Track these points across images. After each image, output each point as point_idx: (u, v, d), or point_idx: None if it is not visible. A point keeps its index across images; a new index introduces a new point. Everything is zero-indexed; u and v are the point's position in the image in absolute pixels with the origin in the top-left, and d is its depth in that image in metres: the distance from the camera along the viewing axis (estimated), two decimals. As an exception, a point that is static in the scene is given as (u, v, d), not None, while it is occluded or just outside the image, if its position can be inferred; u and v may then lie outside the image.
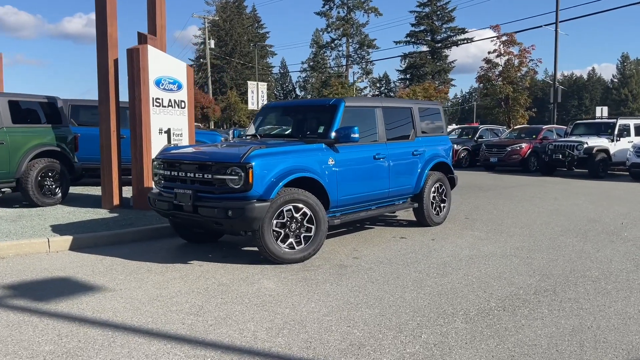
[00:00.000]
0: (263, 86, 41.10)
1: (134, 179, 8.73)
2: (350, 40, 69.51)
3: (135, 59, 8.59)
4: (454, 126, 33.24)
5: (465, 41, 62.36)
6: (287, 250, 5.80)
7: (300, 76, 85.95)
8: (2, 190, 8.79)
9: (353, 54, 70.29)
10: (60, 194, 9.26)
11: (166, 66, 9.06)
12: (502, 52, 32.88)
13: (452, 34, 66.79)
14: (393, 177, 7.22)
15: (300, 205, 5.85)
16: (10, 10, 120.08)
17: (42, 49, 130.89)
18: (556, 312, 4.32)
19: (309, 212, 5.91)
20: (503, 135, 21.59)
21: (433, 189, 7.95)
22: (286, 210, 5.77)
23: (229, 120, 59.40)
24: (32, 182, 8.79)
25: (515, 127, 24.97)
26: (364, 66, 70.18)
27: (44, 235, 6.64)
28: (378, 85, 77.44)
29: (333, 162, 6.33)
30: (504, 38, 32.37)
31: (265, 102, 39.99)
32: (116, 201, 8.90)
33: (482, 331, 3.92)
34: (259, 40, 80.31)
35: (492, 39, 33.04)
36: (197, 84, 71.61)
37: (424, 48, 67.13)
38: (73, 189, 11.22)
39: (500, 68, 33.16)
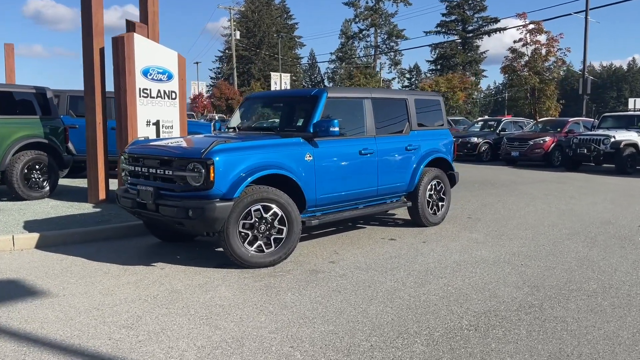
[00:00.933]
0: (286, 77, 40.69)
1: (119, 172, 8.40)
2: (378, 31, 68.47)
3: (120, 48, 8.22)
4: (485, 117, 32.14)
5: (497, 31, 60.71)
6: (255, 253, 5.35)
7: (329, 67, 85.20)
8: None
9: (381, 45, 69.24)
10: (47, 187, 9.02)
11: (155, 55, 8.68)
12: (529, 41, 31.61)
13: (483, 24, 65.04)
14: (383, 173, 6.69)
15: (271, 205, 5.39)
16: (49, 3, 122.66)
17: (79, 41, 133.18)
18: (535, 334, 3.76)
19: (279, 213, 5.45)
20: (526, 128, 20.66)
21: (430, 187, 7.38)
22: (254, 210, 5.32)
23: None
24: (17, 175, 8.56)
25: (539, 120, 23.89)
26: (392, 57, 69.12)
27: (10, 232, 6.35)
28: (407, 76, 76.08)
29: (311, 158, 5.84)
30: (530, 26, 31.10)
31: (288, 94, 39.66)
32: (102, 196, 8.59)
33: (441, 357, 3.40)
34: (288, 31, 79.95)
35: (518, 27, 31.81)
36: (223, 76, 71.73)
37: (455, 38, 65.59)
38: (68, 182, 11.04)
39: (527, 58, 31.90)
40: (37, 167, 8.85)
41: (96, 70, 8.44)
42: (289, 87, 39.74)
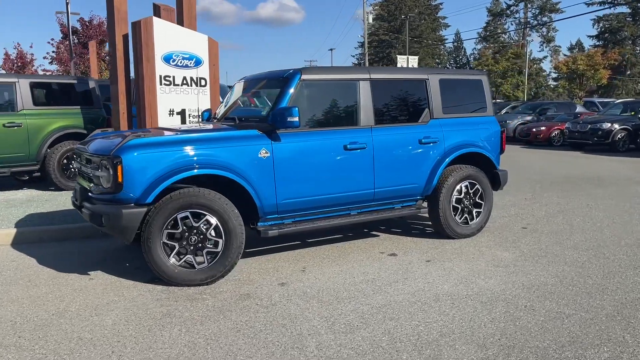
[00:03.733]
0: (414, 60, 38.77)
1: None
2: (529, 6, 62.71)
3: (137, 34, 7.78)
4: (628, 99, 27.53)
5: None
6: (182, 269, 4.49)
7: (475, 48, 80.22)
8: (24, 173, 8.76)
9: (532, 20, 63.36)
10: (86, 178, 8.98)
11: (180, 40, 8.12)
12: None
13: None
14: (382, 172, 5.40)
15: (202, 212, 4.48)
16: (216, 1, 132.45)
17: (240, 34, 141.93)
18: None
19: (214, 221, 4.51)
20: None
21: (458, 189, 5.89)
22: (181, 218, 4.45)
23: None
24: (54, 166, 8.60)
25: None
26: (544, 33, 62.97)
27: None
28: (565, 54, 68.65)
29: (268, 155, 4.80)
30: None
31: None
32: (127, 188, 8.30)
33: None
34: (431, 12, 76.66)
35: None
36: (359, 61, 70.94)
37: (623, 9, 57.73)
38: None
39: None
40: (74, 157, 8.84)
41: (119, 58, 8.10)
42: (416, 70, 37.72)
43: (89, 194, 4.68)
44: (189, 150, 4.49)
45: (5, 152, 8.27)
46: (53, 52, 31.10)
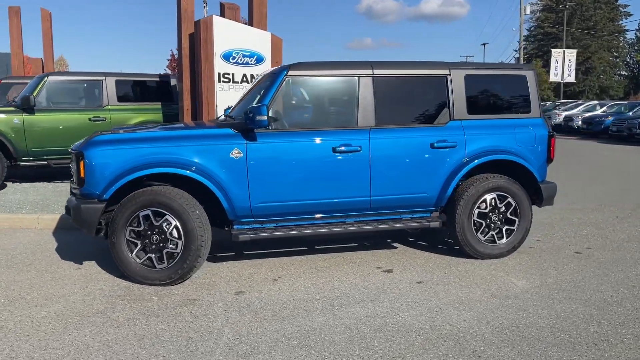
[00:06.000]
0: (571, 54, 35.08)
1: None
2: None
3: (197, 33, 8.00)
4: None
5: None
6: (144, 267, 4.45)
7: (667, 40, 70.33)
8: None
9: None
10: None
11: (240, 37, 8.19)
12: None
13: None
14: (381, 178, 4.84)
15: (163, 211, 4.39)
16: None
17: (401, 31, 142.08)
18: None
19: (173, 221, 4.40)
20: None
21: (481, 202, 5.09)
22: (143, 216, 4.41)
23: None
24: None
25: None
26: None
27: (39, 213, 6.78)
28: None
29: (240, 155, 4.55)
30: None
31: (571, 74, 34.15)
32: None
33: None
34: (608, 0, 68.93)
35: None
36: (527, 56, 66.19)
37: None
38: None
39: None
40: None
41: (184, 56, 8.39)
42: (573, 67, 34.12)
43: (72, 189, 4.86)
44: (151, 148, 4.42)
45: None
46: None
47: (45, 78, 8.84)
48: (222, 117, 5.90)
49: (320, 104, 4.95)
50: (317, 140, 4.73)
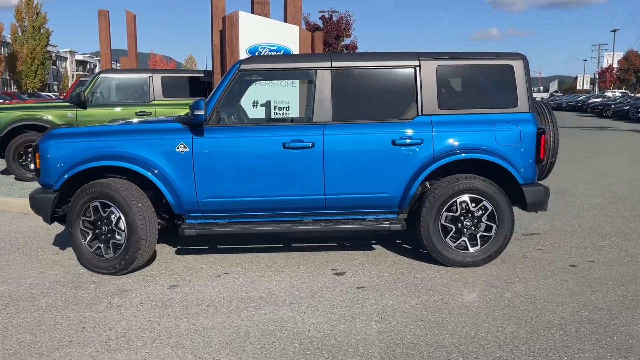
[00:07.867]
0: None
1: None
2: None
3: (224, 29, 8.12)
4: None
5: None
6: (95, 256, 4.62)
7: None
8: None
9: None
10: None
11: (267, 32, 8.20)
12: None
13: None
14: (335, 176, 4.59)
15: (108, 203, 4.52)
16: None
17: (529, 20, 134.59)
18: None
19: (117, 213, 4.51)
20: None
21: (453, 205, 4.64)
22: (92, 207, 4.58)
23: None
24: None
25: None
26: None
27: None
28: None
29: (186, 149, 4.54)
30: None
31: None
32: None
33: None
34: None
35: None
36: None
37: None
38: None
39: None
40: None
41: (216, 52, 8.56)
42: None
43: None
44: (99, 142, 4.56)
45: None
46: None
47: (98, 75, 9.49)
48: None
49: (275, 98, 4.80)
50: (267, 135, 4.59)
